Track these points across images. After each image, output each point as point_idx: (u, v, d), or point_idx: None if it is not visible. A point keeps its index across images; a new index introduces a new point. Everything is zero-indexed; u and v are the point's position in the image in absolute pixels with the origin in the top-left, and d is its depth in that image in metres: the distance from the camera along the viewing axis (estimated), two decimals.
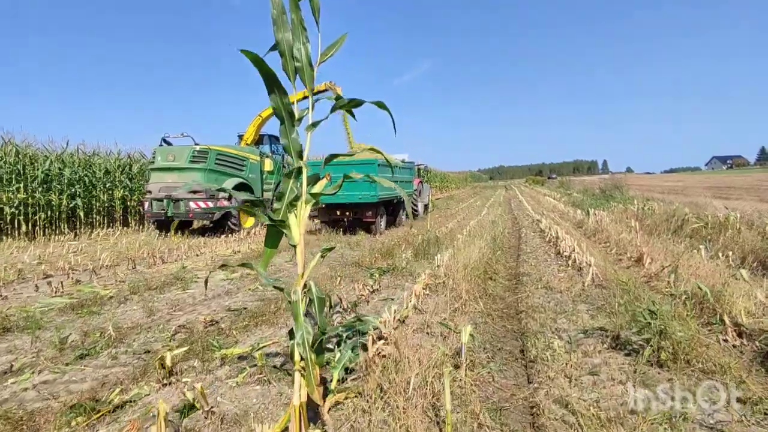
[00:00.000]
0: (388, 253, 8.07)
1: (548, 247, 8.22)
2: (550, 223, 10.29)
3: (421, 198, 16.91)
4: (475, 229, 10.31)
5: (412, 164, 16.06)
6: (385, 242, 9.91)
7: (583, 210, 13.81)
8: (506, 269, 6.57)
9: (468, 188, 57.91)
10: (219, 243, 10.33)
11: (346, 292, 5.40)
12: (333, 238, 11.07)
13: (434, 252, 7.88)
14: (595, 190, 21.67)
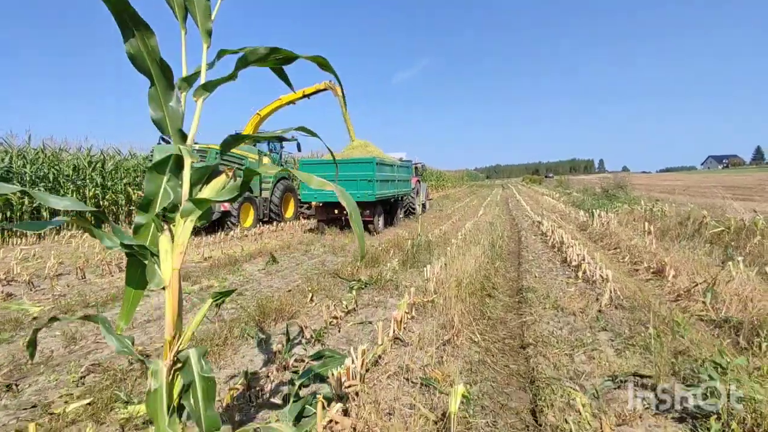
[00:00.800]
0: (373, 261, 7.20)
1: (552, 254, 7.37)
2: (553, 226, 9.44)
3: (419, 197, 16.65)
4: (472, 232, 9.46)
5: (410, 163, 15.70)
6: (374, 245, 9.05)
7: (586, 211, 12.98)
8: (507, 282, 5.71)
9: (464, 187, 57.02)
10: (198, 245, 9.43)
11: (317, 312, 4.53)
12: (319, 239, 10.19)
13: (425, 259, 7.04)
14: (596, 190, 20.87)
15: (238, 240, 10.68)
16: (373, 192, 10.41)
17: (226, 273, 6.87)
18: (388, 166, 11.76)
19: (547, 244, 8.47)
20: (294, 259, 8.01)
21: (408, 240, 8.24)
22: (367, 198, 10.46)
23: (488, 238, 8.02)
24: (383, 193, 11.11)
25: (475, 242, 7.39)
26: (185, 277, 6.58)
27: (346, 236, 10.78)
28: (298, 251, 8.88)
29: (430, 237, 9.13)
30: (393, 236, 10.43)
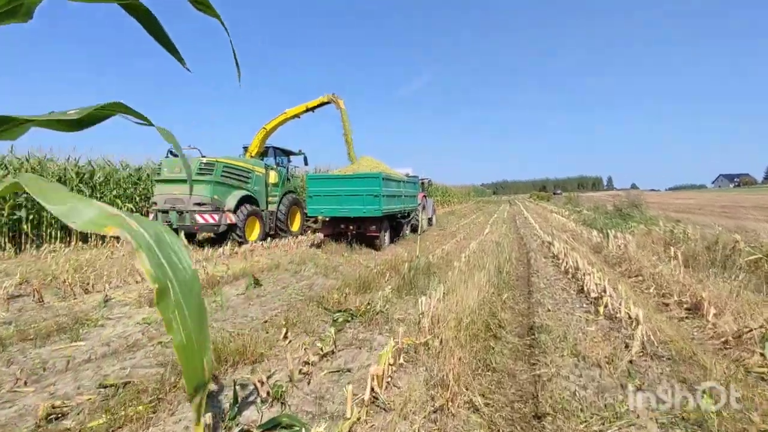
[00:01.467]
0: (365, 286, 6.46)
1: (566, 281, 6.59)
2: (565, 248, 8.66)
3: (425, 212, 16.46)
4: (476, 253, 8.70)
5: (416, 178, 15.48)
6: (369, 265, 8.33)
7: (600, 231, 12.17)
8: (515, 317, 4.94)
9: (470, 203, 56.23)
10: None
11: (290, 354, 3.79)
12: (313, 257, 9.49)
13: (424, 285, 6.30)
14: (607, 208, 20.01)
15: (226, 257, 10.00)
16: (379, 207, 10.17)
17: None
18: (395, 181, 11.63)
19: (559, 268, 7.68)
20: (280, 282, 7.29)
21: (404, 264, 7.49)
22: (374, 213, 10.27)
23: (494, 262, 7.26)
24: (390, 209, 10.90)
25: (479, 267, 6.63)
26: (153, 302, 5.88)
27: (341, 255, 10.07)
28: (288, 272, 8.17)
29: (431, 258, 8.40)
30: (391, 256, 9.69)
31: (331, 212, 10.88)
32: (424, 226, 15.87)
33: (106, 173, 13.28)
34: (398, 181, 12.04)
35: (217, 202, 10.93)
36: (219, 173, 11.18)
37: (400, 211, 12.24)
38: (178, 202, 10.78)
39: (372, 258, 9.97)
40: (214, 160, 11.21)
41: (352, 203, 10.45)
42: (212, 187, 10.89)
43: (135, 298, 6.16)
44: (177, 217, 10.71)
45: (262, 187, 12.86)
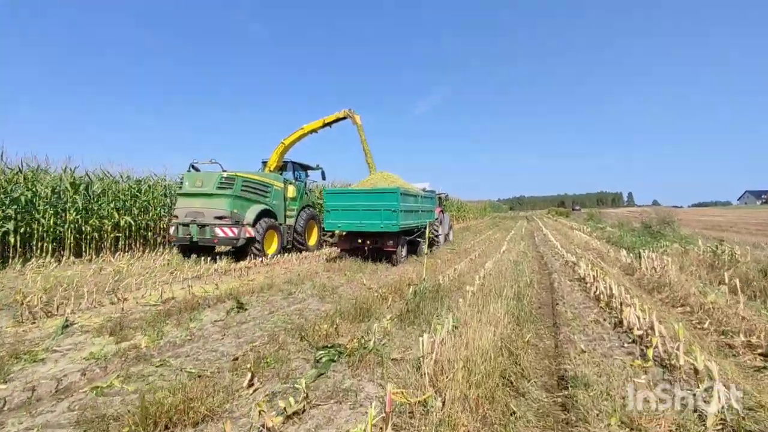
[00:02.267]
0: (362, 313, 5.59)
1: (598, 311, 5.61)
2: (593, 270, 7.65)
3: (442, 227, 16.22)
4: (492, 274, 7.77)
5: (434, 193, 15.45)
6: (373, 286, 7.48)
7: (629, 250, 11.09)
8: (540, 360, 3.99)
9: (486, 218, 54.91)
10: (173, 281, 8.03)
11: (250, 408, 2.94)
12: (312, 276, 8.68)
13: (430, 312, 5.41)
14: (633, 225, 18.80)
15: (219, 274, 9.25)
16: (396, 222, 10.12)
17: (174, 323, 5.37)
18: (412, 196, 11.60)
19: (588, 294, 6.69)
20: (269, 305, 6.47)
21: (409, 287, 6.59)
22: (391, 228, 10.23)
23: (513, 285, 6.33)
24: (407, 224, 10.83)
25: (496, 292, 5.71)
26: (120, 327, 5.12)
27: (344, 274, 9.23)
28: (281, 293, 7.35)
29: (441, 280, 7.49)
30: (398, 276, 8.81)
31: (347, 227, 10.79)
32: (440, 241, 15.62)
33: (105, 185, 12.77)
34: (415, 196, 11.91)
35: (237, 215, 10.99)
36: (239, 187, 11.28)
37: (416, 227, 12.02)
38: (199, 216, 10.87)
39: (377, 278, 9.11)
40: (235, 174, 11.28)
41: (369, 218, 10.36)
42: (232, 201, 11.00)
43: (100, 323, 5.40)
44: (198, 230, 10.82)
45: (280, 201, 12.99)
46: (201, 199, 11.04)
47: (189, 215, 10.99)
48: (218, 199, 10.94)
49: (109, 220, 12.39)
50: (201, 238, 10.85)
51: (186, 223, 10.95)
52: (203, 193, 11.05)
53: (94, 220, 11.99)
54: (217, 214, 10.80)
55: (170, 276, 8.81)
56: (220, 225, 10.77)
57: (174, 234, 11.25)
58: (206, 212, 10.85)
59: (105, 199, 12.58)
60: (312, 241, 14.57)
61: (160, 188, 14.70)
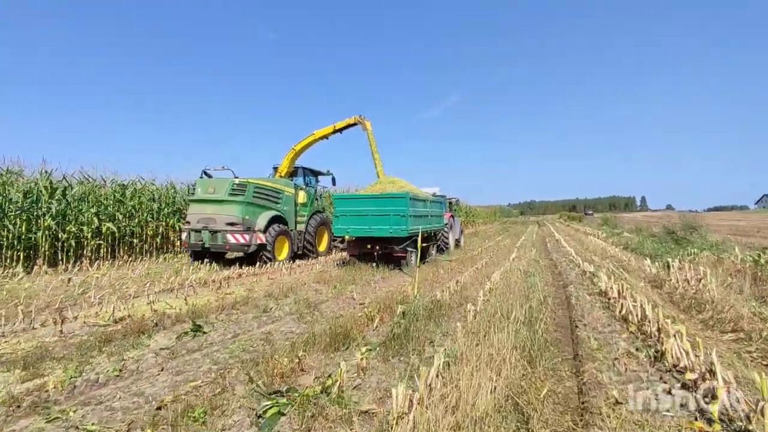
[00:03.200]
0: (340, 339, 4.61)
1: (628, 336, 4.57)
2: (618, 284, 6.59)
3: (452, 232, 16.16)
4: (500, 287, 6.77)
5: (443, 198, 15.42)
6: (363, 302, 6.52)
7: (652, 259, 9.98)
8: (560, 415, 2.96)
9: (496, 224, 53.59)
10: (137, 295, 7.17)
11: None
12: (297, 289, 7.75)
13: (423, 338, 4.44)
14: (653, 230, 17.58)
15: (197, 286, 8.37)
16: (406, 227, 10.07)
17: (111, 352, 4.46)
18: (421, 201, 11.57)
19: (612, 313, 5.64)
20: (236, 326, 5.53)
21: (399, 305, 5.59)
22: (400, 234, 10.16)
23: (523, 304, 5.31)
24: (416, 229, 10.46)
25: (503, 315, 4.70)
26: (41, 357, 4.22)
27: (333, 287, 8.28)
28: (256, 309, 6.42)
29: (440, 294, 6.50)
30: (395, 287, 7.86)
31: (357, 232, 10.73)
32: (451, 246, 15.48)
33: (86, 189, 12.00)
34: (425, 201, 11.87)
35: (248, 222, 11.03)
36: (251, 194, 11.34)
37: (426, 231, 11.76)
38: (211, 222, 10.92)
39: (371, 290, 8.17)
40: (246, 180, 11.35)
41: (379, 223, 10.31)
42: (244, 208, 11.04)
43: (26, 350, 4.51)
44: (210, 236, 10.86)
45: (291, 207, 13.00)
46: (213, 206, 11.08)
47: (201, 221, 11.01)
48: (230, 206, 10.96)
49: (89, 227, 11.59)
50: (213, 244, 10.88)
51: (198, 229, 10.97)
52: (215, 199, 11.08)
53: (71, 226, 11.20)
54: (229, 221, 10.83)
55: (142, 288, 7.94)
56: (231, 231, 10.78)
57: (186, 240, 11.22)
58: (218, 218, 10.88)
59: (85, 205, 11.80)
60: (322, 246, 14.53)
61: (147, 193, 13.92)
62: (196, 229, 11.03)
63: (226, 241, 10.81)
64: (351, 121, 14.53)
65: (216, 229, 10.85)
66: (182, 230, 11.94)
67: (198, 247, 11.08)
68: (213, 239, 10.88)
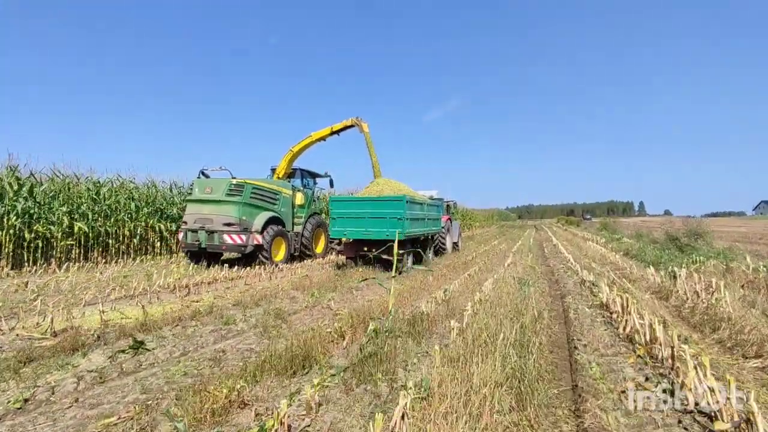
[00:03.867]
0: (300, 361, 3.95)
1: (636, 361, 3.92)
2: (621, 297, 5.95)
3: (450, 235, 16.20)
4: (491, 298, 6.13)
5: (441, 201, 15.51)
6: (341, 313, 5.87)
7: (656, 267, 9.34)
8: None
9: (493, 227, 53.04)
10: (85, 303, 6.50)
11: None
12: (270, 300, 7.10)
13: (397, 362, 3.79)
14: (653, 235, 16.96)
15: (168, 293, 7.71)
16: (402, 230, 9.91)
17: (30, 374, 3.79)
18: (419, 204, 11.51)
19: (616, 330, 5.00)
20: (188, 342, 4.87)
21: (368, 322, 4.92)
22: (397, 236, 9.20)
23: (515, 319, 4.66)
24: (413, 232, 10.81)
25: (491, 333, 4.05)
26: None
27: (311, 295, 7.62)
28: (218, 321, 5.77)
29: (424, 306, 5.84)
30: (380, 296, 7.21)
31: (353, 234, 10.66)
32: (448, 249, 15.40)
33: (57, 187, 11.33)
34: (422, 204, 11.85)
35: (245, 222, 11.02)
36: (248, 195, 11.30)
37: (423, 234, 12.05)
38: (208, 222, 10.92)
39: (353, 298, 7.53)
40: (244, 181, 11.30)
41: (375, 225, 10.30)
42: (241, 208, 11.02)
43: None
44: (206, 236, 10.84)
45: (288, 208, 12.99)
46: (210, 206, 11.06)
47: (198, 221, 11.02)
48: (227, 206, 10.95)
49: (60, 227, 10.90)
50: (209, 244, 10.86)
51: (195, 229, 10.97)
52: (212, 199, 11.06)
53: (39, 226, 10.51)
54: (226, 221, 10.82)
55: (103, 294, 7.27)
56: (228, 232, 10.77)
57: (183, 240, 11.22)
58: (215, 219, 10.88)
59: (56, 203, 11.12)
60: (319, 248, 14.53)
61: (125, 191, 13.25)
62: (192, 229, 10.99)
63: (222, 241, 10.78)
64: (348, 123, 14.45)
65: (213, 230, 10.83)
66: (179, 230, 11.94)
67: (195, 248, 11.04)
68: (210, 239, 10.85)
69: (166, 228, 14.18)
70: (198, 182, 11.53)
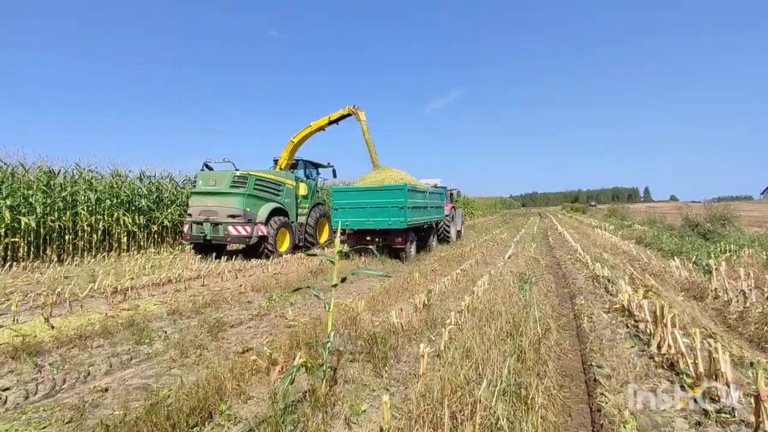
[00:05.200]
0: (184, 416, 2.69)
1: (685, 408, 2.64)
2: (647, 298, 4.64)
3: (454, 223, 16.04)
4: (483, 303, 4.86)
5: (444, 189, 15.43)
6: (292, 324, 4.61)
7: (679, 257, 8.02)
8: None
9: (496, 215, 51.56)
10: None
11: None
12: (216, 308, 5.86)
13: (342, 408, 2.51)
14: (668, 221, 15.58)
15: (101, 298, 6.48)
16: (404, 219, 9.93)
17: None
18: (420, 192, 11.45)
19: (644, 346, 3.71)
20: (75, 370, 3.62)
21: (358, 321, 3.63)
22: (399, 225, 10.05)
23: (510, 339, 3.38)
24: (416, 220, 10.75)
25: (476, 363, 2.77)
26: None
27: (269, 298, 6.37)
28: (133, 338, 4.51)
29: (395, 316, 4.56)
30: (348, 304, 5.95)
31: (356, 224, 10.59)
32: (452, 237, 15.48)
33: (22, 175, 10.16)
34: (424, 192, 11.76)
35: (250, 214, 11.02)
36: (252, 186, 11.31)
37: (426, 222, 12.02)
38: (212, 214, 10.92)
39: (319, 302, 6.25)
40: (247, 173, 11.30)
41: (378, 215, 10.23)
42: (245, 200, 11.02)
43: None
44: (211, 228, 10.85)
45: (292, 199, 13.01)
46: (214, 198, 11.05)
47: (202, 213, 11.02)
48: (231, 198, 10.94)
49: (1, 221, 9.69)
50: (214, 236, 10.88)
51: (200, 221, 10.98)
52: (216, 191, 11.05)
53: None
54: (230, 213, 10.82)
55: (20, 302, 6.05)
56: (233, 223, 10.78)
57: (188, 232, 11.22)
58: (219, 211, 10.88)
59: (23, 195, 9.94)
60: (323, 238, 14.56)
61: (83, 182, 12.01)
62: (197, 222, 11.02)
63: (227, 233, 10.80)
64: (345, 112, 14.34)
65: (217, 221, 10.86)
66: (184, 222, 12.01)
67: (200, 240, 11.06)
68: (215, 231, 10.88)
69: (133, 222, 12.95)
70: (202, 174, 11.45)
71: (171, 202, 14.46)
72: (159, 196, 14.22)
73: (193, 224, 11.14)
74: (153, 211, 13.69)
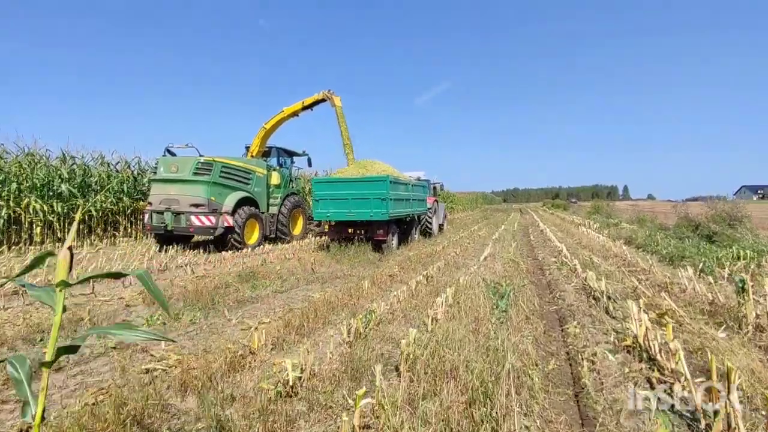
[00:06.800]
0: None
1: None
2: (674, 334, 3.15)
3: (436, 217, 15.74)
4: (440, 333, 3.28)
5: (426, 182, 15.30)
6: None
7: (680, 262, 6.61)
8: None
9: (476, 211, 50.37)
10: None
11: None
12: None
13: None
14: (659, 221, 14.34)
15: None
16: (386, 211, 9.79)
17: None
18: (403, 184, 11.28)
19: (679, 418, 2.19)
20: None
21: None
22: (381, 217, 9.91)
23: (474, 407, 1.82)
24: (397, 212, 10.60)
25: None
26: None
27: (149, 320, 4.68)
28: None
29: (299, 363, 2.93)
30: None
31: (337, 216, 10.39)
32: (434, 230, 15.14)
33: None
34: (406, 184, 11.63)
35: (215, 203, 10.29)
36: (217, 174, 10.58)
37: (408, 215, 11.95)
38: (174, 203, 10.22)
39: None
40: (212, 159, 10.56)
41: (359, 207, 10.01)
42: (210, 188, 10.28)
43: None
44: (172, 218, 10.14)
45: (263, 188, 12.26)
46: (176, 186, 10.34)
47: (163, 202, 10.30)
48: (194, 186, 10.24)
49: None
50: (176, 226, 10.18)
51: (160, 210, 10.24)
52: (178, 179, 10.32)
53: None
54: (193, 202, 10.11)
55: None
56: (196, 213, 10.10)
57: (148, 222, 10.51)
58: (181, 199, 10.18)
59: None
60: (297, 230, 13.84)
61: None
62: (158, 211, 10.27)
63: (190, 223, 10.09)
64: (319, 97, 13.69)
65: (179, 211, 10.13)
66: (144, 212, 11.20)
67: (161, 230, 10.32)
68: (176, 221, 10.14)
69: (50, 210, 11.02)
70: (163, 161, 10.66)
71: (101, 187, 12.53)
72: (85, 180, 12.26)
73: (153, 213, 10.36)
74: (76, 198, 11.73)
